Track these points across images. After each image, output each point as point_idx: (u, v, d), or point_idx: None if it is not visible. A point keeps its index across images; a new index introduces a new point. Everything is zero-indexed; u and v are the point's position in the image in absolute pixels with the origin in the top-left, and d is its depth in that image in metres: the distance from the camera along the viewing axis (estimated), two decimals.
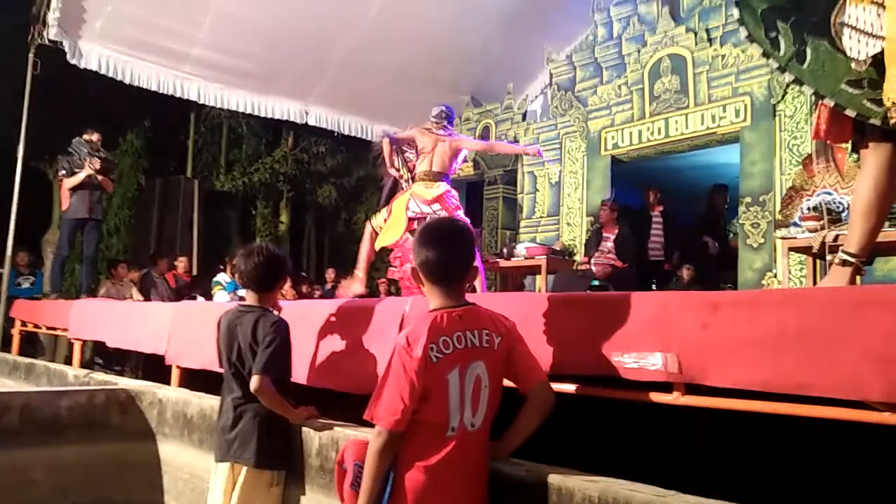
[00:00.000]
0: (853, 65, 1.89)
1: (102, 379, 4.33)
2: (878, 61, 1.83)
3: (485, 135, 9.21)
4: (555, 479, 1.66)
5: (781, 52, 1.99)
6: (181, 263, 9.21)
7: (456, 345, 1.70)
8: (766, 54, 2.02)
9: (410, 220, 5.05)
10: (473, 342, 1.73)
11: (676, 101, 7.06)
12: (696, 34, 7.02)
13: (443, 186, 5.17)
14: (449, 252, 1.80)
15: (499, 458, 1.80)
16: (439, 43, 8.63)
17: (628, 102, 7.53)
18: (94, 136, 7.25)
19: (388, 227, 5.16)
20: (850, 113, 1.91)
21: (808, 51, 1.95)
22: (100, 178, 7.22)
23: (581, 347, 1.97)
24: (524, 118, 9.07)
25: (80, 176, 7.03)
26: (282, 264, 2.68)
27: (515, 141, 8.77)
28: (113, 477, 3.45)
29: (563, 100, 8.38)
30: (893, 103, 1.76)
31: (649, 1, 7.69)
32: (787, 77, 2.02)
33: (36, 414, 3.38)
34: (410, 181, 5.34)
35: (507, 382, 1.83)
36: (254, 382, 2.41)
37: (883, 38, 1.81)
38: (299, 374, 2.81)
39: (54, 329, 6.26)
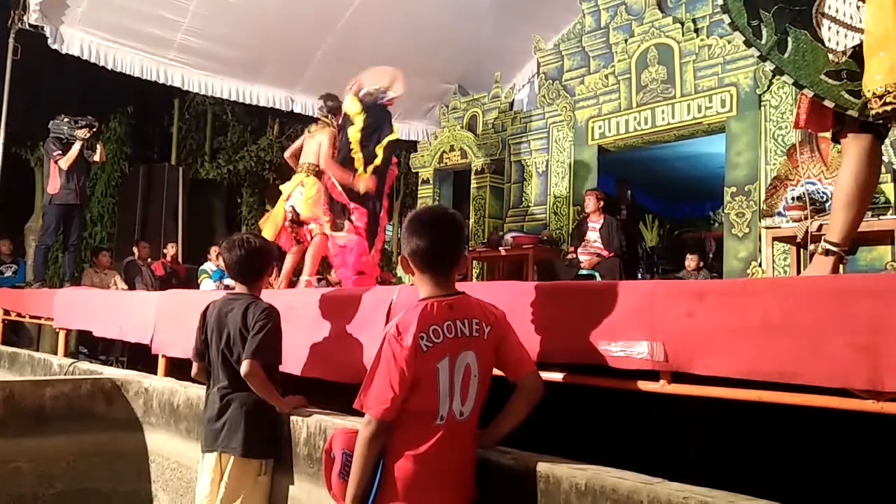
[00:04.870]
0: (832, 56, 1.90)
1: (87, 368, 4.30)
2: (856, 53, 1.85)
3: (472, 123, 9.19)
4: (543, 467, 1.67)
5: (763, 41, 1.99)
6: (170, 250, 9.12)
7: (446, 334, 1.70)
8: (748, 42, 2.03)
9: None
10: (463, 332, 1.73)
11: (663, 91, 7.07)
12: (682, 24, 7.02)
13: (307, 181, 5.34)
14: (439, 240, 1.78)
15: (487, 447, 1.82)
16: (427, 32, 8.57)
17: (615, 92, 7.53)
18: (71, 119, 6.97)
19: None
20: (829, 104, 1.92)
21: (790, 40, 1.96)
22: (96, 157, 7.09)
23: (568, 336, 1.98)
24: (511, 107, 9.05)
25: (76, 148, 6.75)
26: (265, 254, 2.69)
27: (503, 130, 8.76)
28: (99, 466, 3.45)
29: (551, 89, 8.37)
30: (873, 94, 1.78)
31: None
32: (768, 66, 2.03)
33: (20, 404, 3.36)
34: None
35: (496, 371, 1.84)
36: (244, 367, 2.41)
37: (862, 30, 1.82)
38: (286, 362, 2.80)
39: (38, 318, 6.20)
